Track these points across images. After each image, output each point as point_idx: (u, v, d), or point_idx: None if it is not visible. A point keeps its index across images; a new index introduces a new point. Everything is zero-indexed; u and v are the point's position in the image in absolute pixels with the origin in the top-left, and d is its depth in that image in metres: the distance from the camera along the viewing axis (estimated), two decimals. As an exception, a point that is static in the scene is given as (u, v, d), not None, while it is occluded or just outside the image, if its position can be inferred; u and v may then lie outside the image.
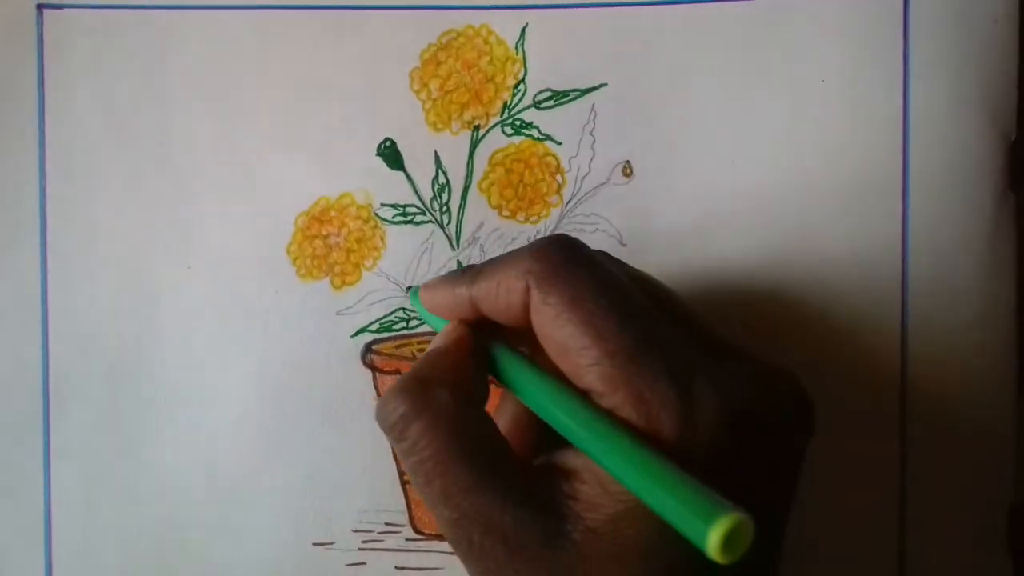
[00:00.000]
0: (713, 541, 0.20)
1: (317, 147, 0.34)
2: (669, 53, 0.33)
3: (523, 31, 0.33)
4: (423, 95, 0.34)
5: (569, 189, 0.34)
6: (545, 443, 0.26)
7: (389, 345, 0.34)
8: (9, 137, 0.33)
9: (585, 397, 0.24)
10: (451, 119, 0.34)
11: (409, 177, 0.34)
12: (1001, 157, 0.33)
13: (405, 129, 0.34)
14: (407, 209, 0.34)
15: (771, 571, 0.26)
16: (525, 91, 0.33)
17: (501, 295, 0.25)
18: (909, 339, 0.33)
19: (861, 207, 0.33)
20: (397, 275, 0.34)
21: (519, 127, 0.34)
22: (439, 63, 0.34)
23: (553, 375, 0.24)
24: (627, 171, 0.34)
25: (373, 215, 0.34)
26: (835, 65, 0.33)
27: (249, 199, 0.34)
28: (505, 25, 0.33)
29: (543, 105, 0.33)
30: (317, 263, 0.34)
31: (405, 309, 0.34)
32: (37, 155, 0.33)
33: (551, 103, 0.33)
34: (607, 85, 0.33)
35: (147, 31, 0.33)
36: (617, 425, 0.23)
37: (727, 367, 0.25)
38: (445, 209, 0.34)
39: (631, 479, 0.22)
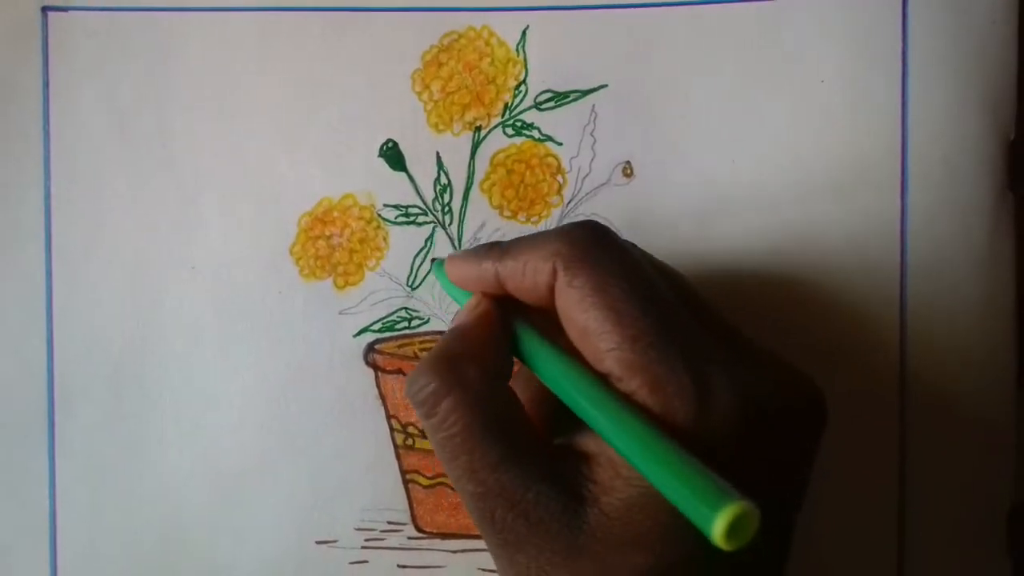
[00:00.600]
0: (718, 528, 0.20)
1: (319, 148, 0.34)
2: (669, 54, 0.33)
3: (524, 33, 0.33)
4: (425, 96, 0.34)
5: (570, 189, 0.34)
6: (560, 423, 0.26)
7: (391, 345, 0.34)
8: (14, 139, 0.33)
9: (604, 381, 0.24)
10: (452, 120, 0.34)
11: (411, 178, 0.34)
12: (1000, 156, 0.33)
13: (407, 130, 0.34)
14: (409, 210, 0.34)
15: (781, 564, 0.26)
16: (526, 92, 0.34)
17: (528, 274, 0.25)
18: (908, 338, 0.33)
19: (860, 206, 0.33)
20: (399, 275, 0.34)
21: (520, 128, 0.34)
22: (440, 64, 0.34)
23: (573, 356, 0.25)
24: (627, 171, 0.34)
25: (376, 216, 0.34)
26: (834, 65, 0.33)
27: (252, 200, 0.34)
28: (506, 27, 0.33)
29: (544, 106, 0.34)
30: (320, 263, 0.34)
31: (407, 309, 0.34)
32: (41, 157, 0.34)
33: (552, 104, 0.34)
34: (607, 86, 0.33)
35: (151, 33, 0.34)
36: (632, 409, 0.23)
37: (744, 361, 0.25)
38: (447, 210, 0.34)
39: (641, 462, 0.22)
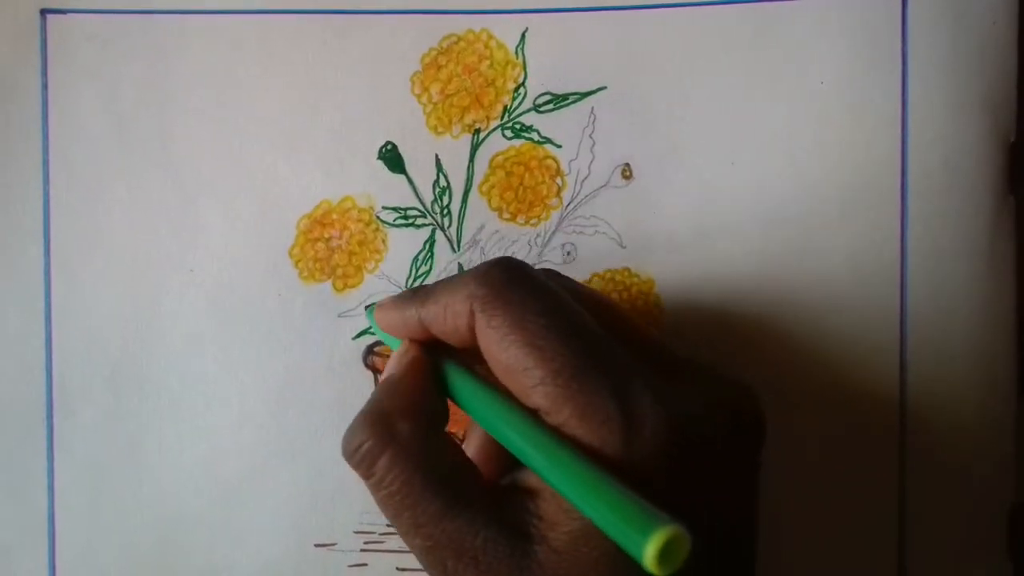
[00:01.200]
0: (649, 553, 0.20)
1: (318, 150, 0.34)
2: (668, 56, 0.33)
3: (523, 35, 0.33)
4: (424, 99, 0.34)
5: (569, 192, 0.34)
6: (511, 458, 0.26)
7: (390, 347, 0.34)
8: (13, 141, 0.33)
9: (533, 416, 0.24)
10: (452, 123, 0.34)
11: (410, 180, 0.34)
12: (1000, 159, 0.33)
13: (406, 133, 0.34)
14: (408, 212, 0.34)
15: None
16: (525, 95, 0.34)
17: (448, 318, 0.25)
18: (908, 340, 0.33)
19: (860, 208, 0.33)
20: (399, 277, 0.34)
21: (519, 130, 0.34)
22: (440, 67, 0.34)
23: (504, 393, 0.25)
24: (627, 173, 0.34)
25: (375, 218, 0.34)
26: (834, 67, 0.33)
27: (251, 202, 0.34)
28: (505, 29, 0.33)
29: (543, 108, 0.34)
30: (319, 266, 0.34)
31: (406, 311, 0.34)
32: (41, 159, 0.34)
33: (551, 106, 0.34)
34: (606, 88, 0.33)
35: (150, 36, 0.34)
36: (561, 442, 0.23)
37: (671, 379, 0.25)
38: (446, 212, 0.34)
39: (572, 493, 0.22)
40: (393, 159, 0.34)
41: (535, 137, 0.34)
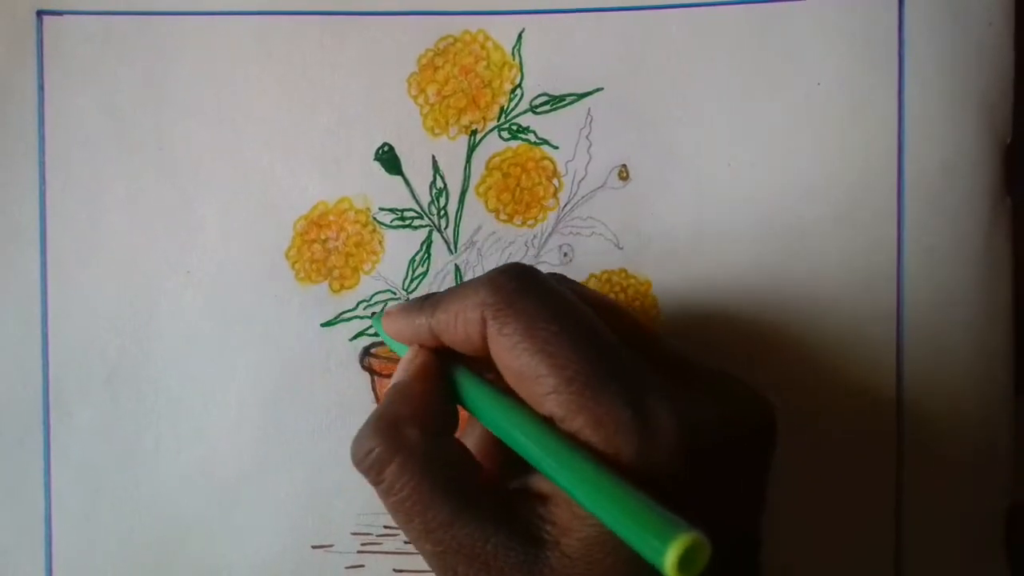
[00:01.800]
0: (669, 560, 0.20)
1: (315, 152, 0.34)
2: (665, 57, 0.33)
3: (520, 36, 0.33)
4: (420, 100, 0.34)
5: (566, 193, 0.34)
6: (517, 463, 0.26)
7: (387, 348, 0.34)
8: (9, 143, 0.33)
9: (547, 423, 0.24)
10: (448, 124, 0.34)
11: (407, 181, 0.34)
12: (996, 160, 0.33)
13: (403, 134, 0.34)
14: (405, 213, 0.34)
15: None
16: (522, 96, 0.34)
17: (459, 327, 0.25)
18: (905, 341, 0.33)
19: (857, 210, 0.33)
20: (395, 279, 0.34)
21: (516, 131, 0.34)
22: (436, 68, 0.34)
23: (515, 399, 0.25)
24: (623, 175, 0.34)
25: (371, 219, 0.34)
26: (831, 68, 0.33)
27: (248, 203, 0.34)
28: (502, 30, 0.33)
29: (540, 110, 0.34)
30: (316, 267, 0.34)
31: (403, 313, 0.34)
32: (37, 161, 0.33)
33: (547, 107, 0.34)
34: (603, 89, 0.33)
35: (147, 37, 0.33)
36: (576, 449, 0.23)
37: (684, 385, 0.25)
38: (443, 213, 0.34)
39: (589, 500, 0.22)
40: (390, 160, 0.34)
41: (532, 138, 0.34)
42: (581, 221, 0.34)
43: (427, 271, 0.34)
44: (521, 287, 0.25)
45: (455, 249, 0.34)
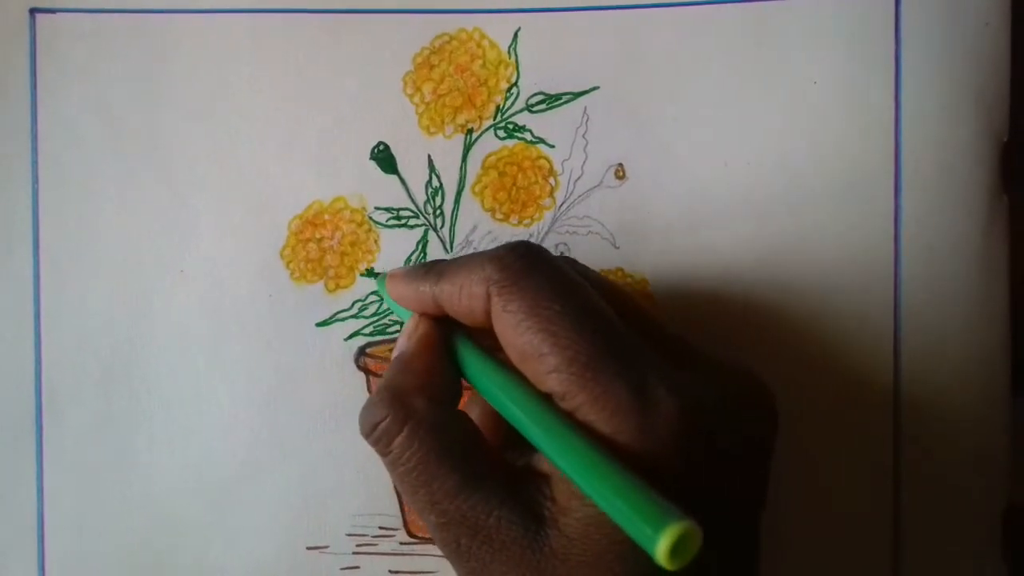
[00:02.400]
0: (662, 548, 0.20)
1: (310, 151, 0.34)
2: (661, 55, 0.33)
3: (515, 35, 0.33)
4: (416, 99, 0.34)
5: (562, 192, 0.34)
6: (515, 436, 0.26)
7: (383, 348, 0.34)
8: (2, 142, 0.33)
9: (548, 400, 0.24)
10: (444, 123, 0.34)
11: (403, 181, 0.34)
12: (993, 158, 0.33)
13: (398, 133, 0.34)
14: (401, 212, 0.34)
15: (752, 566, 0.26)
16: (518, 94, 0.34)
17: (463, 300, 0.25)
18: (902, 340, 0.33)
19: (854, 208, 0.33)
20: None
21: (512, 130, 0.34)
22: (432, 67, 0.34)
23: (516, 373, 0.25)
24: (620, 173, 0.34)
25: (367, 219, 0.34)
26: (827, 67, 0.33)
27: (243, 203, 0.34)
28: (497, 29, 0.33)
29: (536, 108, 0.34)
30: (311, 266, 0.34)
31: (399, 312, 0.34)
32: (30, 159, 0.33)
33: (544, 106, 0.33)
34: (599, 88, 0.33)
35: (140, 35, 0.33)
36: (575, 429, 0.23)
37: (685, 368, 0.25)
38: (439, 212, 0.34)
39: (584, 482, 0.22)
40: (385, 159, 0.34)
41: (528, 137, 0.34)
42: (577, 220, 0.34)
43: (423, 270, 0.34)
44: (527, 265, 0.25)
45: (451, 248, 0.34)
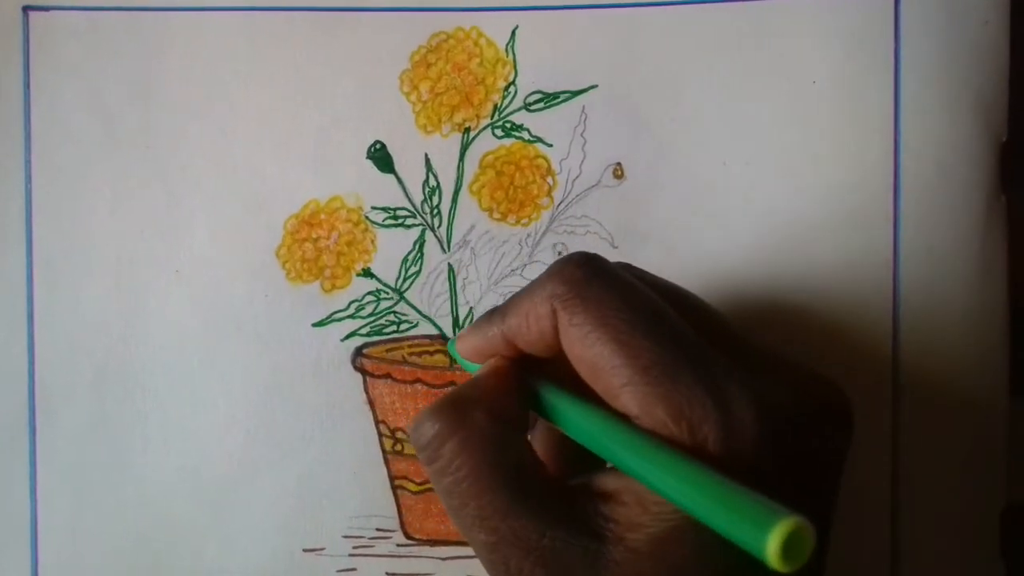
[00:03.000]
0: (772, 547, 0.19)
1: (306, 150, 0.33)
2: (659, 55, 0.33)
3: (513, 33, 0.33)
4: (413, 97, 0.33)
5: (560, 191, 0.34)
6: (578, 466, 0.26)
7: (379, 349, 0.33)
8: (-5, 140, 0.33)
9: (624, 418, 0.23)
10: (441, 121, 0.33)
11: (399, 180, 0.34)
12: (992, 158, 0.33)
13: (395, 132, 0.33)
14: (397, 212, 0.34)
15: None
16: (515, 93, 0.33)
17: (532, 325, 0.25)
18: (901, 340, 0.33)
19: (853, 208, 0.33)
20: (388, 278, 0.34)
21: (510, 129, 0.33)
22: (429, 65, 0.33)
23: (594, 402, 0.24)
24: (618, 173, 0.33)
25: (363, 218, 0.34)
26: (826, 66, 0.33)
27: (238, 202, 0.33)
28: (495, 27, 0.33)
29: (533, 107, 0.33)
30: (307, 266, 0.34)
31: (396, 312, 0.34)
32: (23, 159, 0.33)
33: (541, 105, 0.33)
34: (597, 87, 0.33)
35: (135, 33, 0.33)
36: (661, 443, 0.22)
37: (761, 374, 0.24)
38: (436, 212, 0.34)
39: (681, 496, 0.21)
40: (382, 158, 0.34)
41: (526, 136, 0.33)
42: (576, 220, 0.34)
43: (420, 270, 0.34)
44: (589, 275, 0.24)
45: (448, 248, 0.34)
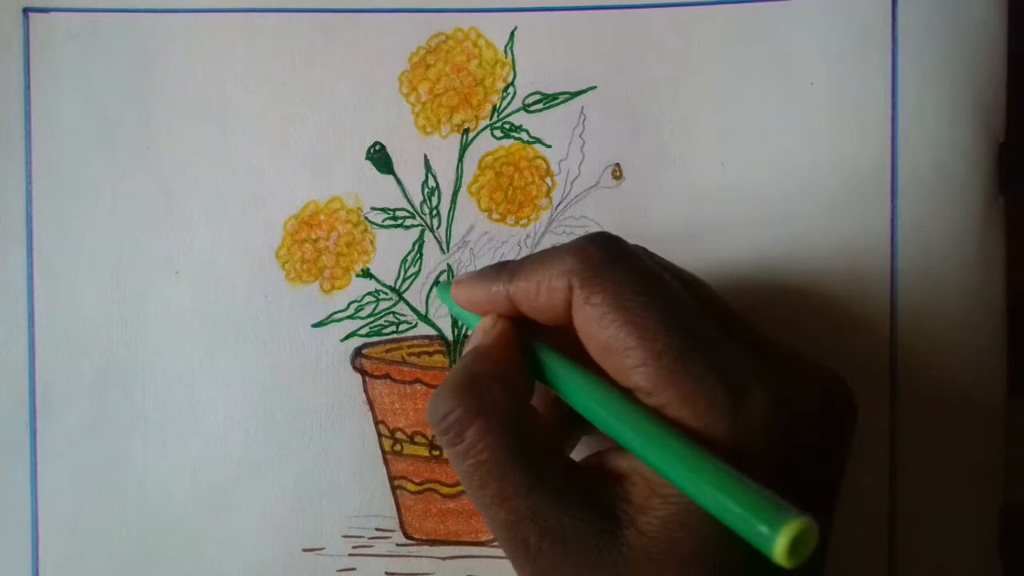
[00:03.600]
0: (780, 546, 0.20)
1: (306, 151, 0.33)
2: (658, 56, 0.33)
3: (512, 34, 0.33)
4: (412, 99, 0.33)
5: (559, 192, 0.34)
6: (571, 431, 0.26)
7: (379, 349, 0.34)
8: (-5, 142, 0.33)
9: (630, 395, 0.23)
10: (440, 122, 0.34)
11: (399, 181, 0.34)
12: (990, 159, 0.33)
13: (394, 133, 0.33)
14: (397, 213, 0.34)
15: (820, 568, 0.26)
16: (514, 94, 0.33)
17: (542, 295, 0.25)
18: (899, 340, 0.33)
19: (850, 209, 0.33)
20: (387, 279, 0.34)
21: (508, 130, 0.34)
22: (428, 66, 0.33)
23: (596, 374, 0.24)
24: (617, 173, 0.33)
25: (363, 219, 0.34)
26: (824, 67, 0.33)
27: (237, 203, 0.33)
28: (494, 28, 0.33)
29: (532, 108, 0.33)
30: (307, 267, 0.34)
31: (395, 313, 0.34)
32: (23, 160, 0.33)
33: (540, 106, 0.33)
34: (596, 88, 0.33)
35: (134, 34, 0.33)
36: (667, 425, 0.22)
37: (772, 364, 0.25)
38: (435, 213, 0.34)
39: (687, 482, 0.22)
40: (381, 159, 0.34)
41: (524, 137, 0.33)
42: (575, 220, 0.34)
43: (419, 271, 0.34)
44: (610, 256, 0.24)
45: (447, 249, 0.34)
